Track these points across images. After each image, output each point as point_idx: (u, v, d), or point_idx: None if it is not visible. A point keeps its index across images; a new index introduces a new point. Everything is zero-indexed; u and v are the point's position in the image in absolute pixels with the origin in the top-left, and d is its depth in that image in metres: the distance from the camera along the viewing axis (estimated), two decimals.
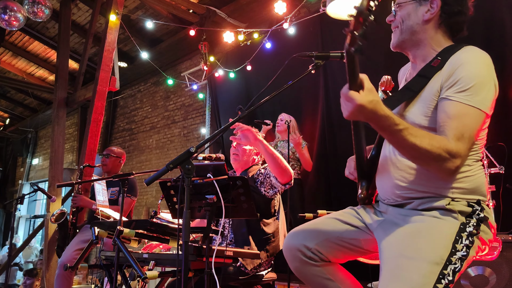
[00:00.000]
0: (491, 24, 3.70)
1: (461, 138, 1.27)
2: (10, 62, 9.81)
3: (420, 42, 1.50)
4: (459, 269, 1.27)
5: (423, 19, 1.47)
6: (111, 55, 5.29)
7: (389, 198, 1.51)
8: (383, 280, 1.31)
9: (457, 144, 1.26)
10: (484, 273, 2.58)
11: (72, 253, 3.57)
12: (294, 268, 1.63)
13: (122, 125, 9.56)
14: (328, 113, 4.84)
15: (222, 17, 6.23)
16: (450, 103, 1.31)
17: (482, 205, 1.38)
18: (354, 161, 1.64)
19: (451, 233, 1.31)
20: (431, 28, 1.49)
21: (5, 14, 5.50)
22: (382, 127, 1.26)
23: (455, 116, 1.29)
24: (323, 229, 1.61)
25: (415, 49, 1.53)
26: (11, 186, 13.44)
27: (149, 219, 2.13)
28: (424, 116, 1.39)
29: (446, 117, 1.31)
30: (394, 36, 1.56)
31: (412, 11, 1.49)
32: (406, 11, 1.50)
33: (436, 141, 1.25)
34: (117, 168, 4.05)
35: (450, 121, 1.29)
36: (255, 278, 2.41)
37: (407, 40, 1.52)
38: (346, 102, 1.23)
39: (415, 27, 1.49)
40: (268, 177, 2.49)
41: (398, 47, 1.57)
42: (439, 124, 1.32)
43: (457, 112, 1.29)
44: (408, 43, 1.53)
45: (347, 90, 1.22)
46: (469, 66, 1.35)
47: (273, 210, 2.63)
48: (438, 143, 1.25)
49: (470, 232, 1.32)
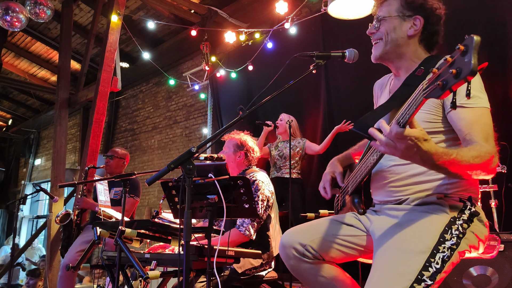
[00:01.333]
0: (493, 24, 3.70)
1: (488, 138, 1.34)
2: (12, 63, 9.84)
3: (403, 54, 1.60)
4: (449, 257, 1.30)
5: (407, 34, 1.57)
6: (113, 56, 5.30)
7: (384, 199, 1.56)
8: (371, 271, 1.34)
9: (488, 144, 1.33)
10: (486, 273, 2.57)
11: (75, 253, 3.59)
12: (289, 266, 1.64)
13: (124, 125, 9.57)
14: (330, 113, 4.84)
15: (223, 17, 6.24)
16: (465, 110, 1.38)
17: (474, 201, 1.44)
18: (331, 177, 1.73)
19: (439, 225, 1.35)
20: (414, 43, 1.59)
21: (7, 15, 5.52)
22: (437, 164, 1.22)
23: (475, 121, 1.36)
24: (319, 228, 1.63)
25: (397, 60, 1.62)
26: (13, 186, 13.47)
27: (151, 219, 2.13)
28: (423, 121, 1.45)
29: (468, 123, 1.37)
30: (377, 48, 1.63)
31: (397, 25, 1.58)
32: (391, 24, 1.59)
33: (478, 152, 1.28)
34: (120, 169, 4.07)
35: (473, 126, 1.36)
36: (256, 278, 2.41)
37: (391, 52, 1.60)
38: (398, 140, 1.15)
39: (400, 40, 1.58)
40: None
41: (380, 59, 1.64)
42: (462, 132, 1.38)
43: (475, 116, 1.37)
44: (391, 54, 1.61)
45: (399, 127, 1.14)
46: None
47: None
48: (482, 154, 1.28)
49: (461, 224, 1.37)
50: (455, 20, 3.70)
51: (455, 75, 0.98)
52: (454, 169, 1.26)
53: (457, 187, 1.44)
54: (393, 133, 1.15)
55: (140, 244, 2.34)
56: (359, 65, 1.94)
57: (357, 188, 1.60)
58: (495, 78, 3.45)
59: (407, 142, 1.14)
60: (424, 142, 1.16)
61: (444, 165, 1.23)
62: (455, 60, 0.99)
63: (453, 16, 1.64)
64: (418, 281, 1.23)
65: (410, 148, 1.16)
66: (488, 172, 1.33)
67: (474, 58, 0.94)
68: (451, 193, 1.43)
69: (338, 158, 1.86)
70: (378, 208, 1.59)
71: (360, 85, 4.28)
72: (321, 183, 1.77)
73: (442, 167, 1.24)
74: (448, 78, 1.00)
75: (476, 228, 1.40)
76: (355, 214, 1.66)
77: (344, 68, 4.73)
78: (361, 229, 1.60)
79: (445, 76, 1.01)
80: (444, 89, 1.01)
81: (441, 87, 1.02)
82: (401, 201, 1.50)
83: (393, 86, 1.70)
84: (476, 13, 3.78)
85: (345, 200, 1.73)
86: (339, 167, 1.78)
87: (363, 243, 1.58)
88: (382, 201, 1.57)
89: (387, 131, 1.16)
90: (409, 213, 1.43)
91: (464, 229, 1.36)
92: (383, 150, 1.21)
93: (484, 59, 1.61)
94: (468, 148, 1.31)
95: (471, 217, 1.39)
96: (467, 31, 1.60)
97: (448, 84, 1.00)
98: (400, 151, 1.17)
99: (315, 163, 4.91)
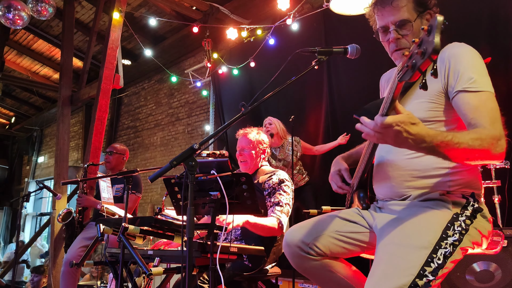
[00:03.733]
0: (496, 19, 3.67)
1: (495, 121, 1.31)
2: (15, 61, 9.86)
3: None
4: (451, 253, 1.29)
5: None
6: (115, 53, 5.30)
7: (387, 196, 1.56)
8: (372, 266, 1.34)
9: (494, 127, 1.29)
10: (489, 268, 2.57)
11: (77, 250, 3.60)
12: (294, 264, 1.65)
13: (126, 122, 9.59)
14: (332, 110, 4.83)
15: (225, 13, 6.22)
16: (469, 95, 1.35)
17: (477, 197, 1.42)
18: (338, 175, 1.73)
19: (442, 221, 1.34)
20: None
21: (9, 13, 5.53)
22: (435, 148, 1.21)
23: (480, 104, 1.33)
24: (322, 225, 1.62)
25: None
26: (17, 184, 13.53)
27: (154, 216, 2.13)
28: (427, 110, 1.44)
29: (472, 107, 1.34)
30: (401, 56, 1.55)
31: (417, 26, 1.54)
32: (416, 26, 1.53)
33: (479, 135, 1.26)
34: (121, 165, 4.06)
35: (478, 110, 1.33)
36: (259, 273, 2.42)
37: None
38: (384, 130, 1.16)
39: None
40: (274, 194, 2.51)
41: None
42: (467, 116, 1.35)
43: (479, 100, 1.34)
44: None
45: (383, 117, 1.15)
46: (462, 58, 1.41)
47: None
48: (483, 136, 1.26)
49: (464, 221, 1.35)
50: (459, 16, 3.69)
51: (421, 55, 1.00)
52: (453, 153, 1.24)
53: (460, 183, 1.42)
54: (378, 123, 1.16)
55: (143, 241, 2.35)
56: (362, 61, 1.94)
57: (361, 182, 1.60)
58: (499, 73, 3.43)
59: (394, 129, 1.15)
60: (412, 126, 1.16)
61: (440, 148, 1.22)
62: (422, 40, 1.02)
63: (457, 12, 1.62)
64: (420, 276, 1.22)
65: (398, 134, 1.16)
66: (493, 157, 1.28)
67: (437, 37, 0.96)
68: (453, 190, 1.42)
69: (343, 156, 1.85)
70: (381, 204, 1.59)
71: (363, 80, 4.27)
72: (333, 185, 1.77)
73: (438, 151, 1.23)
74: (416, 59, 1.02)
75: (480, 224, 1.40)
76: (358, 210, 1.66)
77: (346, 64, 4.71)
78: (364, 226, 1.60)
79: (414, 58, 1.03)
80: (413, 69, 1.03)
81: (411, 69, 1.04)
82: (404, 198, 1.49)
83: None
84: (479, 9, 3.76)
85: (353, 196, 1.73)
86: (343, 165, 1.78)
87: (366, 239, 1.58)
88: (385, 198, 1.57)
89: (372, 124, 1.18)
90: (411, 208, 1.43)
91: (467, 226, 1.35)
92: (375, 140, 1.23)
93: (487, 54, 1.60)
94: (467, 131, 1.29)
95: (474, 213, 1.38)
96: (471, 26, 1.59)
97: (417, 65, 1.02)
98: (391, 139, 1.18)
99: (318, 159, 4.90)
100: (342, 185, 1.73)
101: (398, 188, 1.50)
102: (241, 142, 2.71)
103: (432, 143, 1.20)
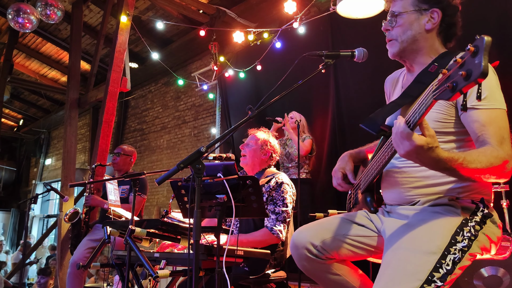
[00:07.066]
0: (505, 23, 3.65)
1: (503, 141, 1.29)
2: (23, 64, 9.96)
3: (420, 50, 1.55)
4: (460, 259, 1.28)
5: (425, 28, 1.53)
6: (122, 56, 5.33)
7: (395, 201, 1.54)
8: (380, 271, 1.33)
9: (502, 148, 1.28)
10: (498, 274, 2.54)
11: (83, 251, 3.62)
12: (301, 266, 1.64)
13: (133, 125, 9.63)
14: (339, 113, 4.82)
15: (232, 17, 6.24)
16: (478, 112, 1.33)
17: (486, 203, 1.41)
18: (341, 172, 1.70)
19: (451, 226, 1.33)
20: (432, 37, 1.55)
21: (18, 17, 5.59)
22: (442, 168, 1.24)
23: (489, 123, 1.31)
24: (329, 227, 1.61)
25: (414, 56, 1.57)
26: (24, 186, 13.63)
27: (160, 218, 2.14)
28: (434, 121, 1.41)
29: (481, 125, 1.32)
30: (394, 46, 1.58)
31: (414, 20, 1.53)
32: (408, 20, 1.54)
33: (487, 155, 1.25)
34: (128, 166, 4.07)
35: (486, 128, 1.31)
36: (265, 277, 2.41)
37: (408, 49, 1.56)
38: (403, 140, 1.17)
39: (417, 36, 1.53)
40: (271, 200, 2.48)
41: (398, 56, 1.60)
42: (475, 134, 1.34)
43: (489, 118, 1.32)
44: (408, 51, 1.57)
45: (407, 128, 1.16)
46: None
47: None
48: (490, 156, 1.25)
49: (473, 226, 1.34)
50: (466, 18, 3.66)
51: (465, 77, 0.96)
52: (463, 172, 1.24)
53: (469, 190, 1.41)
54: (399, 130, 1.16)
55: (149, 243, 2.36)
56: (369, 64, 1.93)
57: (369, 186, 1.58)
58: (507, 76, 3.40)
59: (410, 147, 1.15)
60: (428, 151, 1.15)
61: (448, 170, 1.23)
62: (465, 61, 0.97)
63: (464, 14, 1.61)
64: (428, 282, 1.21)
65: (411, 153, 1.16)
66: (502, 177, 1.29)
67: (485, 60, 0.92)
68: (463, 196, 1.40)
69: (351, 153, 1.80)
70: (389, 209, 1.58)
71: (370, 84, 4.26)
72: (334, 180, 1.74)
73: (447, 171, 1.24)
74: (458, 80, 0.98)
75: (489, 229, 1.38)
76: (366, 213, 1.65)
77: (353, 67, 4.70)
78: (372, 230, 1.59)
79: (455, 78, 0.99)
80: (454, 91, 0.99)
81: (451, 89, 1.00)
82: (412, 204, 1.47)
83: (406, 81, 1.65)
84: (488, 13, 3.74)
85: (358, 197, 1.70)
86: (349, 164, 1.73)
87: (374, 243, 1.57)
88: (394, 203, 1.55)
89: (396, 126, 1.18)
90: (420, 213, 1.41)
91: (476, 231, 1.33)
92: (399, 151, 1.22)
93: (495, 57, 1.59)
94: (477, 152, 1.27)
95: (484, 219, 1.36)
96: (478, 29, 1.58)
97: (458, 86, 0.98)
98: (403, 150, 1.18)
99: (324, 162, 4.89)
100: (342, 183, 1.70)
101: (406, 194, 1.48)
102: (248, 138, 2.72)
103: (442, 167, 1.21)
